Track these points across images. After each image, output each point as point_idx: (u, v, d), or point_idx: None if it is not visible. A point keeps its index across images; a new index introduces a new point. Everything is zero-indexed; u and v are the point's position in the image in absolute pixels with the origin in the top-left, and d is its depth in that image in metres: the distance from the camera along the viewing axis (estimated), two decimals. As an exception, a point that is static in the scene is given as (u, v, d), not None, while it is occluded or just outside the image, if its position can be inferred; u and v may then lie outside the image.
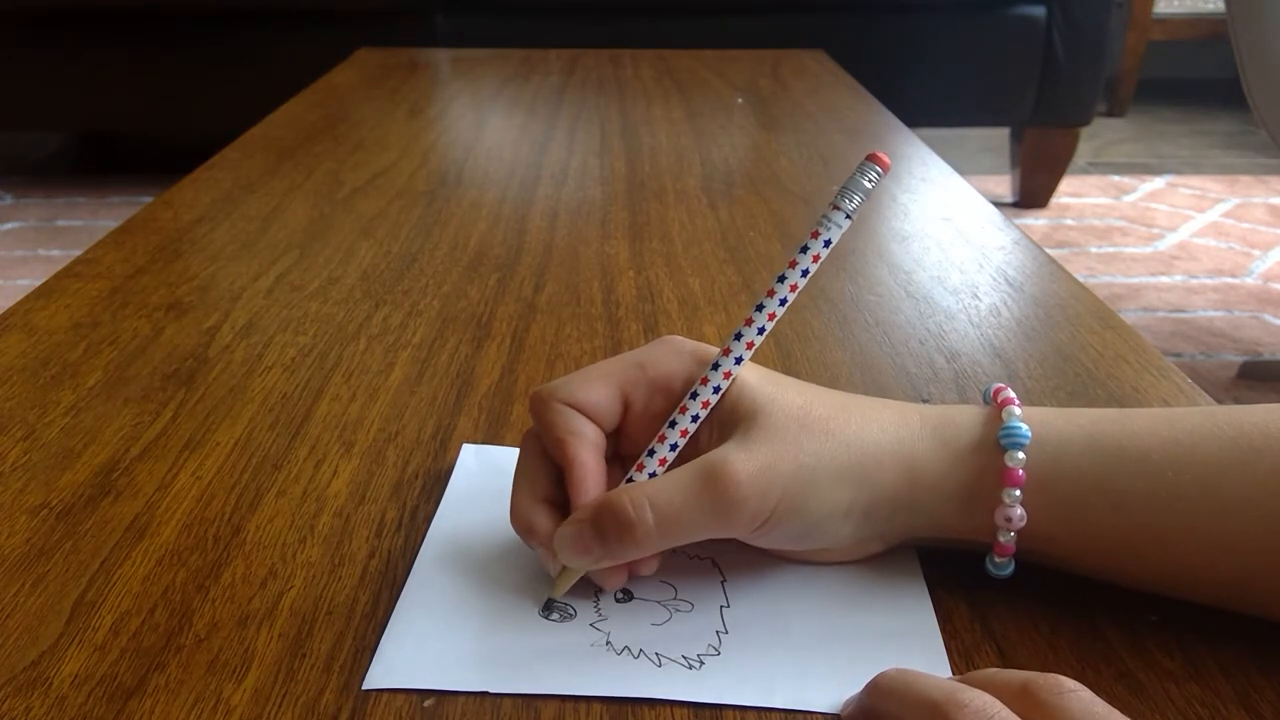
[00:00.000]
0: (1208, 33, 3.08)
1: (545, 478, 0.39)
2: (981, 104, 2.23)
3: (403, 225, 0.79)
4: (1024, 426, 0.37)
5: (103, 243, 0.74)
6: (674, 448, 0.38)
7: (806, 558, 0.40)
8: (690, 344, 0.40)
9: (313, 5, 2.09)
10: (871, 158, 0.38)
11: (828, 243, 0.38)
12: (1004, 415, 0.37)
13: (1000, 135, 2.48)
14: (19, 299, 0.64)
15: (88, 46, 2.15)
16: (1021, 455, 0.36)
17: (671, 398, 0.39)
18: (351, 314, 0.63)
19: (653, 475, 0.38)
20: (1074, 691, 0.29)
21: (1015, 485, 0.36)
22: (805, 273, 0.38)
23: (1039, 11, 2.11)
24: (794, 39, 1.74)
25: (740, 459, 0.35)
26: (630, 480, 0.38)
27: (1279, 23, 1.39)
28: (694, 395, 0.38)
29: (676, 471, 0.36)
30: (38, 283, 0.67)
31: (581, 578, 0.38)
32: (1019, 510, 0.36)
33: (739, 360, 0.38)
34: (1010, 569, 0.38)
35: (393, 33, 1.97)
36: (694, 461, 0.36)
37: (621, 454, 0.40)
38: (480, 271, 0.70)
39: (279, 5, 2.09)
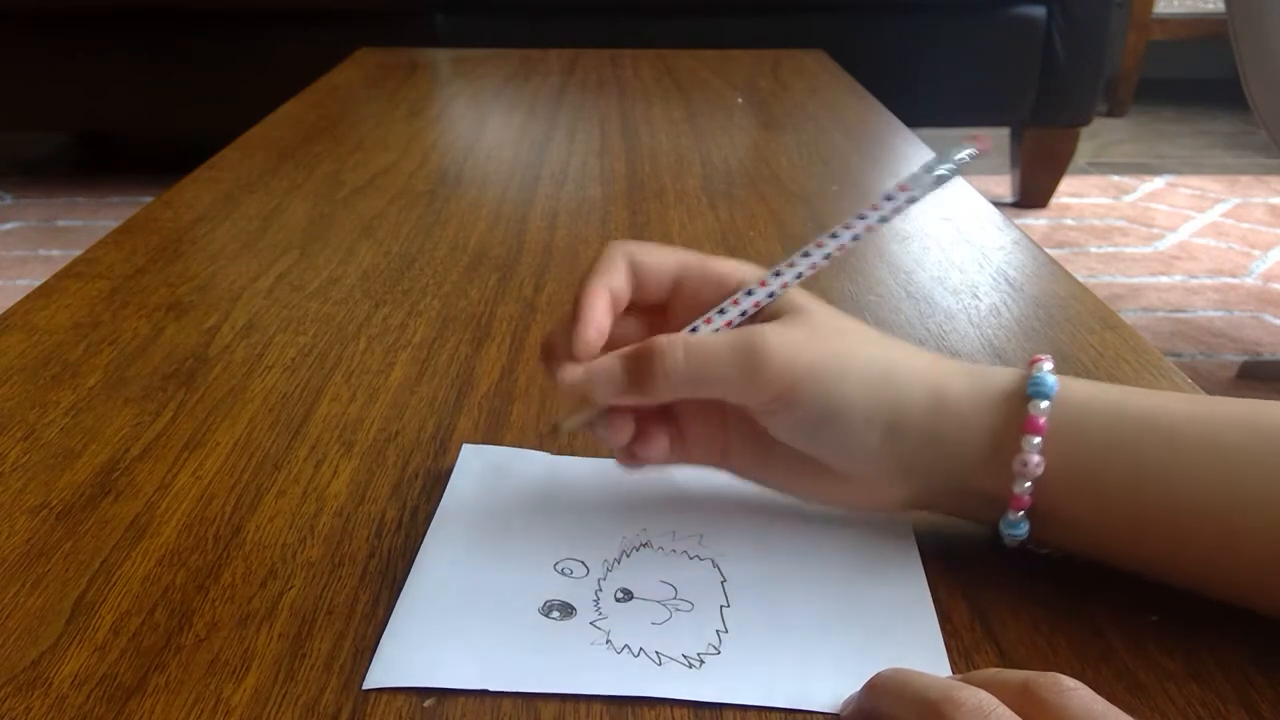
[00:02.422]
0: (1208, 33, 3.08)
1: (619, 277, 0.40)
2: (981, 104, 2.22)
3: (403, 225, 0.79)
4: (1051, 379, 0.37)
5: (103, 243, 0.74)
6: (709, 321, 0.39)
7: (824, 493, 0.41)
8: (758, 268, 0.41)
9: (313, 5, 2.08)
10: (973, 138, 0.39)
11: (912, 199, 0.39)
12: (1033, 370, 0.38)
13: (1000, 135, 2.48)
14: (19, 299, 0.64)
15: (88, 46, 2.15)
16: (1045, 405, 0.37)
17: (722, 292, 0.40)
18: (351, 314, 0.63)
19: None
20: (1073, 690, 0.29)
21: (1036, 433, 0.37)
22: (883, 219, 0.39)
23: (1039, 11, 2.10)
24: (794, 39, 1.74)
25: (776, 329, 0.38)
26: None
27: (1279, 23, 1.39)
28: (749, 292, 0.39)
29: (715, 333, 0.38)
30: (38, 283, 0.67)
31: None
32: (1036, 458, 0.37)
33: (800, 275, 0.39)
34: (1024, 529, 0.38)
35: (393, 33, 1.96)
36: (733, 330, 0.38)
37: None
38: (480, 271, 0.70)
39: (279, 5, 2.09)
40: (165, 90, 2.18)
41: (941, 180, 0.39)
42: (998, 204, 1.19)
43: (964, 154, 0.39)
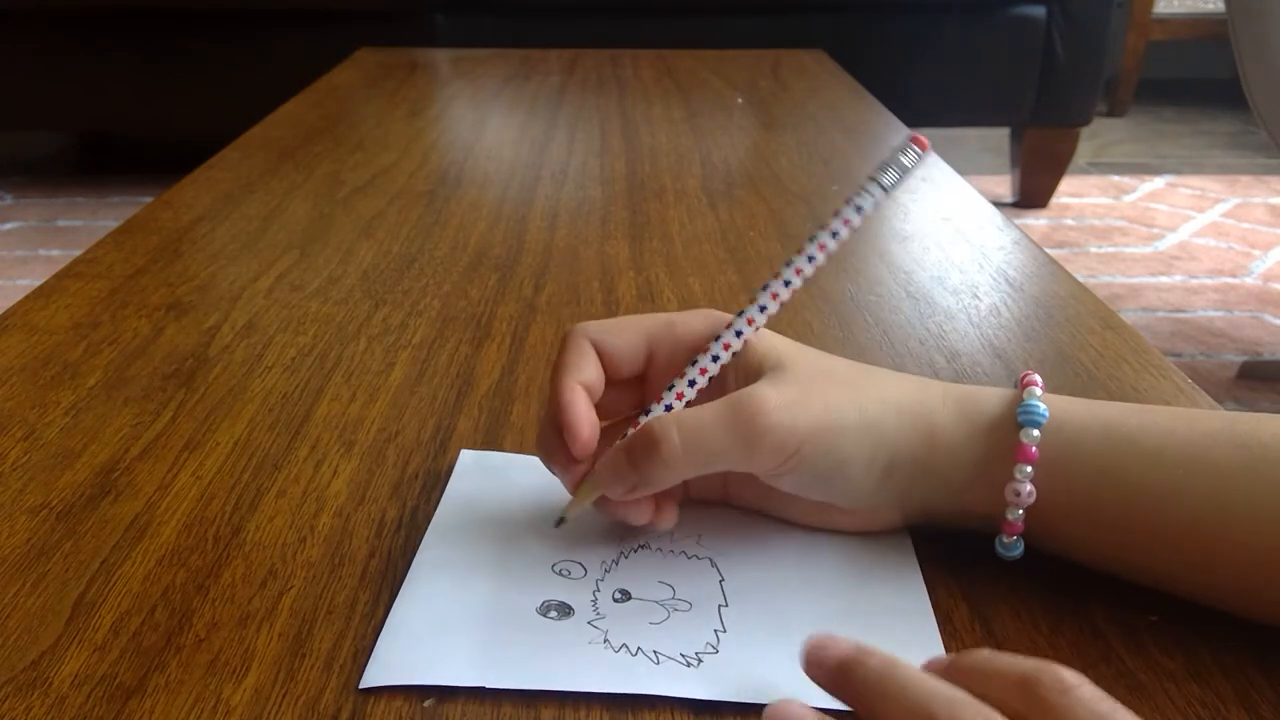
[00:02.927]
0: (1208, 33, 3.08)
1: (589, 367, 0.40)
2: (981, 104, 2.22)
3: (403, 225, 0.79)
4: (1041, 406, 0.37)
5: (103, 243, 0.74)
6: (692, 384, 0.39)
7: (824, 522, 0.41)
8: (724, 314, 0.41)
9: (313, 5, 2.08)
10: (912, 139, 0.39)
11: (859, 208, 0.39)
12: (1025, 395, 0.38)
13: (1000, 135, 2.47)
14: (19, 299, 0.64)
15: (88, 46, 2.15)
16: (1036, 433, 0.37)
17: (696, 352, 0.40)
18: (351, 314, 0.63)
19: (668, 407, 0.39)
20: (1077, 688, 0.28)
21: (1028, 461, 0.37)
22: (835, 234, 0.39)
23: (1039, 11, 2.10)
24: (794, 39, 1.74)
25: (769, 392, 0.37)
26: (648, 413, 0.39)
27: (1279, 23, 1.39)
28: (716, 339, 0.39)
29: (707, 404, 0.37)
30: (38, 283, 0.67)
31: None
32: (1028, 487, 0.37)
33: (763, 309, 0.39)
34: (1019, 550, 0.38)
35: (393, 33, 1.97)
36: (724, 396, 0.37)
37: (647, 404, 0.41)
38: (480, 271, 0.70)
39: (279, 5, 2.09)
40: (165, 90, 2.18)
41: (889, 189, 0.39)
42: (998, 204, 1.19)
43: (907, 158, 0.39)
